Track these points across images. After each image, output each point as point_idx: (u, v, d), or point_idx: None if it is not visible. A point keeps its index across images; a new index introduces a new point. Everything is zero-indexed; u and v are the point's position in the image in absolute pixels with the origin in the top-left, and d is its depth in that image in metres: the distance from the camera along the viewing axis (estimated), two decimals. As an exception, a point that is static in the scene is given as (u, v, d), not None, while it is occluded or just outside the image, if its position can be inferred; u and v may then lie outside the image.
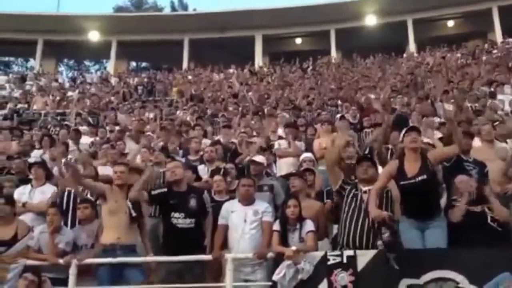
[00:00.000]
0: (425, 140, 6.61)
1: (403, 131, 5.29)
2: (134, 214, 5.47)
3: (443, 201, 5.40)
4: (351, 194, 5.09)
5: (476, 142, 7.13)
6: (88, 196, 6.39)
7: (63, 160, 7.80)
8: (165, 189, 5.82)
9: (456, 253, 4.67)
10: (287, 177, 6.82)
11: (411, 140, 5.03)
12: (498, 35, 24.77)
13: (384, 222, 4.61)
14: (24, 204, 6.32)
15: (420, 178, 4.86)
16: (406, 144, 5.11)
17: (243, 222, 5.35)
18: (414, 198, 4.90)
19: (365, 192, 5.02)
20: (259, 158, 6.82)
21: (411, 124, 8.72)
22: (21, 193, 6.52)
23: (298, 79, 20.01)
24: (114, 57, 29.07)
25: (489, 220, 4.87)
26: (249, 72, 23.10)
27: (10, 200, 5.78)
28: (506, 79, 13.36)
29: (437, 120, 9.57)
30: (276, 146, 8.55)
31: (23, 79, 23.35)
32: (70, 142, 9.91)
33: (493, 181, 5.76)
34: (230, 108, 14.01)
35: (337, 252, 4.82)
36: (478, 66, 16.85)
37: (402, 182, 4.94)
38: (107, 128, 12.02)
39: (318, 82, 18.54)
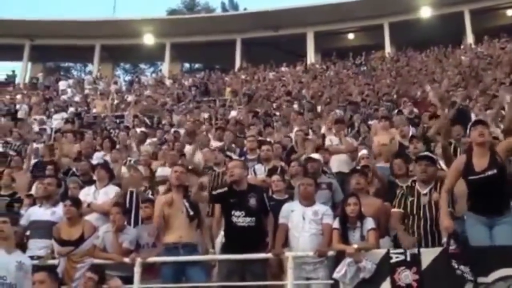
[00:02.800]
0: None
1: (470, 125, 5.15)
2: (191, 213, 5.56)
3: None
4: (409, 199, 5.05)
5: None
6: (149, 196, 6.57)
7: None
8: (226, 189, 5.87)
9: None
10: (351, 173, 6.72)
11: (478, 134, 4.86)
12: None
13: (454, 232, 4.55)
14: (89, 205, 6.50)
15: (489, 172, 4.70)
16: (474, 138, 4.94)
17: (302, 221, 5.35)
18: (483, 193, 4.74)
19: (424, 194, 4.98)
20: (316, 156, 6.78)
21: (474, 118, 8.56)
22: (86, 194, 6.70)
23: (352, 75, 19.79)
24: (168, 59, 29.65)
25: None
26: (303, 69, 23.05)
27: (76, 202, 5.97)
28: None
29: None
30: (327, 142, 8.49)
31: (82, 83, 24.22)
32: (132, 144, 10.19)
33: None
34: (284, 107, 14.00)
35: (400, 250, 4.76)
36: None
37: (470, 177, 4.79)
38: (163, 129, 12.28)
39: (372, 78, 18.28)
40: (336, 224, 5.21)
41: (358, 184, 5.81)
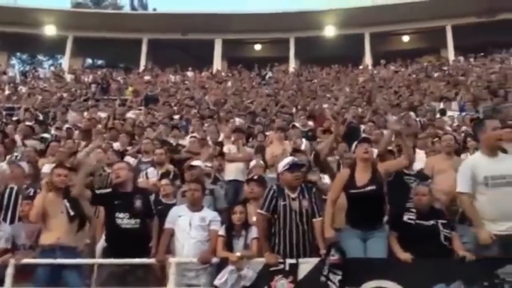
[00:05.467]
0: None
1: (356, 142, 5.41)
2: (72, 214, 5.36)
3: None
4: (281, 202, 5.10)
5: (421, 156, 7.35)
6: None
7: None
8: (110, 190, 5.72)
9: (395, 263, 4.76)
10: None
11: (363, 151, 5.14)
12: (450, 53, 25.62)
13: (336, 243, 4.71)
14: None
15: (369, 188, 4.97)
16: (359, 154, 5.21)
17: (188, 227, 5.31)
18: (361, 207, 4.98)
19: (293, 199, 5.09)
20: (197, 162, 6.79)
21: (363, 135, 9.01)
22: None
23: (256, 85, 20.12)
24: (70, 53, 28.40)
25: (442, 239, 4.95)
26: (209, 75, 23.10)
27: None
28: (453, 95, 13.81)
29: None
30: (225, 150, 8.55)
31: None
32: (18, 139, 9.63)
33: (443, 192, 5.86)
34: (184, 111, 13.91)
35: (280, 260, 4.85)
36: (430, 82, 17.35)
37: (351, 191, 5.03)
38: (56, 125, 11.75)
39: (275, 90, 18.70)
40: (221, 231, 5.24)
41: (251, 192, 5.88)
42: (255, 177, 6.37)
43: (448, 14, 25.30)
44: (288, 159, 5.48)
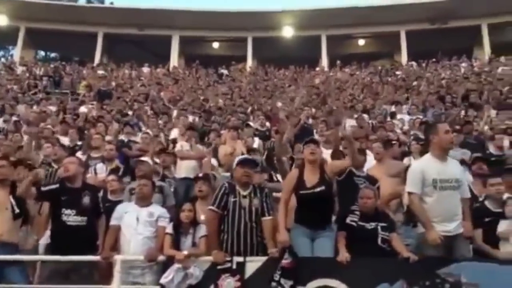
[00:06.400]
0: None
1: (303, 143, 5.46)
2: (17, 211, 5.22)
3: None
4: (231, 199, 5.10)
5: (372, 157, 7.48)
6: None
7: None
8: (57, 185, 5.57)
9: (341, 262, 4.78)
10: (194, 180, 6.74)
11: (310, 152, 5.18)
12: (404, 58, 26.26)
13: (289, 247, 4.73)
14: None
15: (318, 189, 5.01)
16: (306, 155, 5.26)
17: (135, 222, 5.23)
18: (310, 207, 5.03)
19: (244, 196, 5.10)
20: (145, 158, 6.73)
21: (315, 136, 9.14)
22: None
23: (212, 83, 20.06)
24: (21, 44, 27.54)
25: (379, 242, 5.02)
26: (165, 72, 22.87)
27: None
28: (404, 100, 14.14)
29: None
30: (178, 147, 8.49)
31: None
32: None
33: (381, 198, 6.00)
34: (136, 107, 13.72)
35: (227, 258, 4.84)
36: (383, 86, 17.71)
37: (301, 192, 5.07)
38: (3, 118, 11.41)
39: (231, 89, 18.69)
40: (169, 229, 5.19)
41: (199, 191, 5.85)
42: (201, 175, 6.33)
43: (403, 20, 25.97)
44: (242, 156, 5.50)
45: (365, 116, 11.99)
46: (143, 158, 6.69)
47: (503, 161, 7.54)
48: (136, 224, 5.23)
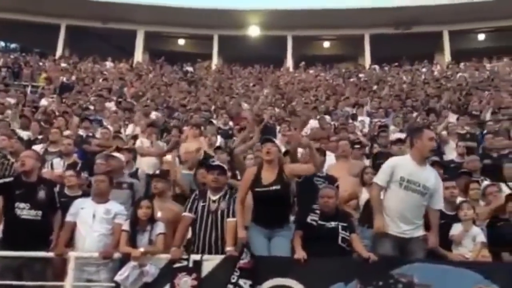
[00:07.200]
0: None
1: (260, 142, 5.49)
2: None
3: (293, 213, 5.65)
4: (201, 204, 5.16)
5: (331, 158, 7.57)
6: None
7: None
8: (12, 178, 5.46)
9: (297, 262, 4.81)
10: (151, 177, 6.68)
11: (266, 151, 5.19)
12: (367, 61, 26.65)
13: (246, 246, 4.73)
14: None
15: (273, 187, 5.02)
16: (262, 154, 5.28)
17: (91, 219, 5.18)
18: (266, 206, 5.03)
19: (213, 201, 5.14)
20: (117, 154, 6.64)
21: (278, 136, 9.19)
22: None
23: (177, 80, 19.89)
24: (-20, 34, 26.72)
25: (339, 241, 5.06)
26: (129, 67, 22.56)
27: None
28: (366, 102, 14.33)
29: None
30: (138, 144, 8.40)
31: None
32: None
33: (339, 197, 6.07)
34: (97, 102, 13.46)
35: (185, 256, 4.82)
36: (346, 87, 17.92)
37: (256, 189, 5.08)
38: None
39: (196, 86, 18.60)
40: (126, 226, 5.13)
41: (156, 188, 5.81)
42: (158, 172, 6.30)
43: (367, 23, 26.34)
44: (214, 162, 5.61)
45: (327, 117, 12.09)
46: (114, 154, 6.61)
47: (461, 168, 7.73)
48: (92, 221, 5.18)
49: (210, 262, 4.79)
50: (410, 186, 4.88)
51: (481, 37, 28.03)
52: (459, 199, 5.88)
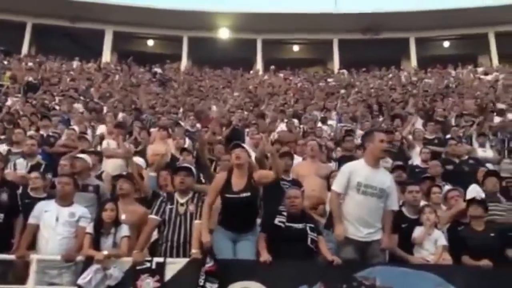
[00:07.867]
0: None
1: (230, 147, 5.49)
2: None
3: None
4: (168, 206, 5.14)
5: (299, 161, 7.63)
6: None
7: None
8: (-28, 182, 5.35)
9: (261, 264, 4.86)
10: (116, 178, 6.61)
11: (235, 157, 5.20)
12: (336, 66, 26.93)
13: (210, 250, 4.73)
14: None
15: (244, 194, 5.05)
16: (232, 160, 5.29)
17: (55, 222, 5.12)
18: (234, 212, 5.06)
19: (181, 204, 5.14)
20: (83, 155, 6.56)
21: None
22: None
23: (145, 81, 19.73)
24: None
25: (309, 242, 5.10)
26: (96, 68, 22.25)
27: None
28: (334, 106, 14.46)
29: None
30: (104, 145, 8.31)
31: None
32: None
33: (307, 197, 6.12)
34: (57, 99, 13.27)
35: (148, 258, 4.81)
36: (314, 92, 18.04)
37: (226, 195, 5.08)
38: None
39: (165, 88, 18.48)
40: (90, 228, 5.08)
41: (121, 189, 5.76)
42: (124, 173, 6.26)
43: (335, 28, 26.70)
44: (182, 164, 5.58)
45: (295, 121, 12.16)
46: (80, 155, 6.51)
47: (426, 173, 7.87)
48: (55, 224, 5.13)
49: (174, 265, 4.78)
50: (367, 190, 4.95)
51: (446, 44, 28.64)
52: (422, 203, 5.99)
